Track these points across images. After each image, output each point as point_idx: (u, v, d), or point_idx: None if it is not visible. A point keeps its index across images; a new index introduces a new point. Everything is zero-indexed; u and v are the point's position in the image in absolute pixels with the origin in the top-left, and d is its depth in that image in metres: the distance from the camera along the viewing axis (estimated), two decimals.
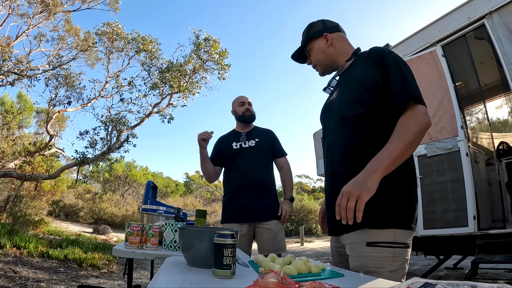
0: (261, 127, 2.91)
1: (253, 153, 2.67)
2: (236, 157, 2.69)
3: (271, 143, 2.78)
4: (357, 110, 1.41)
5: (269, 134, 2.84)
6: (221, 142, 2.84)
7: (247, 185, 2.59)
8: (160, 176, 22.99)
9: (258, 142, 2.71)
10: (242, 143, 2.72)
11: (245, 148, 2.69)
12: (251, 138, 2.74)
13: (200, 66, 9.49)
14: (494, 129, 6.30)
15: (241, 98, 2.84)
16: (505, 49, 3.51)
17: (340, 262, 1.52)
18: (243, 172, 2.64)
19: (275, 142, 2.82)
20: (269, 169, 2.74)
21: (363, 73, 1.43)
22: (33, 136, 11.94)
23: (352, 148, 1.42)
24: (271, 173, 2.75)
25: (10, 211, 7.86)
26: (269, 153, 2.76)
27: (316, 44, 1.62)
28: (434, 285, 0.72)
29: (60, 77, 9.15)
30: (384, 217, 1.28)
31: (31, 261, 5.25)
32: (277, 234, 2.58)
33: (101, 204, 15.16)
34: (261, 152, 2.69)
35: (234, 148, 2.72)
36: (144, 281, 5.13)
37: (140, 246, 1.86)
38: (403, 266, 1.29)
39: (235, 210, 2.60)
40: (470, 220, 3.59)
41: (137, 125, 9.59)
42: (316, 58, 1.63)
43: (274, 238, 2.55)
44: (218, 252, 0.99)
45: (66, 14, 9.81)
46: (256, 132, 2.80)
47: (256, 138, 2.74)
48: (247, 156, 2.67)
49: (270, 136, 2.82)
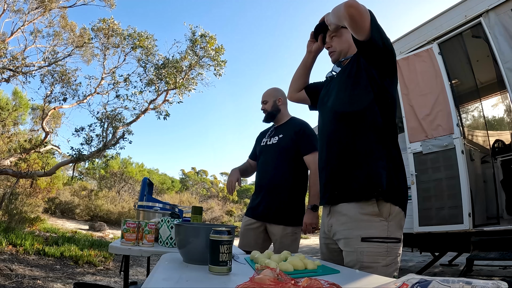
0: (296, 120, 2.64)
1: (273, 151, 2.53)
2: (261, 154, 2.63)
3: (296, 139, 2.47)
4: (351, 106, 1.45)
5: (297, 129, 2.52)
6: (259, 136, 2.79)
7: (262, 185, 2.52)
8: (156, 173, 22.91)
9: (280, 139, 2.53)
10: (268, 139, 2.61)
11: (268, 146, 2.58)
12: (277, 134, 2.58)
13: (196, 63, 9.44)
14: (490, 127, 6.33)
15: None
16: (501, 47, 3.53)
17: (330, 258, 1.56)
18: (261, 170, 2.58)
19: (302, 137, 2.47)
20: (290, 168, 2.46)
21: (357, 67, 1.49)
22: (28, 133, 11.86)
23: (345, 143, 1.46)
24: (291, 173, 2.45)
25: (6, 209, 7.82)
26: (291, 151, 2.47)
27: (346, 34, 1.62)
28: (429, 281, 0.73)
29: (55, 73, 9.08)
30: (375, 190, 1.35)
31: (27, 258, 5.23)
32: (283, 240, 2.37)
33: (97, 201, 15.11)
34: (282, 150, 2.48)
35: (261, 145, 2.64)
36: (141, 278, 5.13)
37: (136, 243, 1.86)
38: (396, 261, 1.34)
39: (249, 207, 2.59)
40: (465, 217, 3.61)
41: (133, 122, 9.54)
42: (341, 46, 1.65)
43: (280, 243, 2.38)
44: (214, 249, 0.99)
45: (61, 10, 9.72)
46: (284, 127, 2.60)
47: (280, 134, 2.55)
48: (268, 154, 2.56)
49: (296, 131, 2.50)
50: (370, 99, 1.43)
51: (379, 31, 1.34)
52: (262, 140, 2.66)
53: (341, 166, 1.45)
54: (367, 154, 1.41)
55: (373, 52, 1.38)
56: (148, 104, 9.71)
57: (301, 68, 1.89)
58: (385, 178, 1.35)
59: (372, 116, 1.43)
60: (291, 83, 1.95)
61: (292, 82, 1.94)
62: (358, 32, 1.34)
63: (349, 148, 1.44)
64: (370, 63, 1.43)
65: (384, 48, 1.36)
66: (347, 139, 1.45)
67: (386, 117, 1.45)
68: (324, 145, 1.57)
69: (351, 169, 1.41)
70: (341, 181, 1.44)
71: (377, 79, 1.43)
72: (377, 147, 1.41)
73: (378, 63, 1.42)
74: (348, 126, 1.46)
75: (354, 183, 1.38)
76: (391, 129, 1.46)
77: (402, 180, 1.42)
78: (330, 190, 1.48)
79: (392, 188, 1.36)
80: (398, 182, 1.39)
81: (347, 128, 1.47)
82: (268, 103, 2.63)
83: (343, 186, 1.43)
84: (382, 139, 1.42)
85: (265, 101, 2.64)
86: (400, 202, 1.39)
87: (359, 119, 1.44)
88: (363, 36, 1.34)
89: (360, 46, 1.41)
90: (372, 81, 1.43)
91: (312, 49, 1.80)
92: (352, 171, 1.41)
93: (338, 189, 1.44)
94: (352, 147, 1.43)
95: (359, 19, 1.30)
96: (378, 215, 1.34)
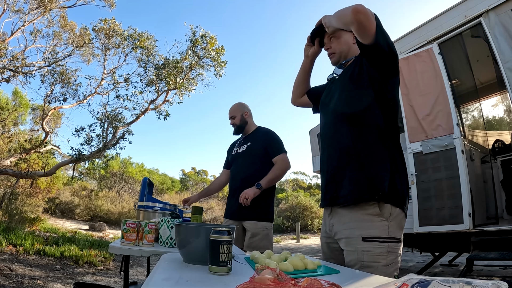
0: (262, 128, 2.94)
1: (243, 158, 2.81)
2: (233, 162, 2.91)
3: (264, 145, 2.76)
4: (353, 108, 1.45)
5: (264, 136, 2.83)
6: (230, 147, 3.10)
7: (235, 188, 2.74)
8: (156, 173, 22.92)
9: (248, 147, 2.81)
10: (238, 148, 2.89)
11: (239, 154, 2.85)
12: (245, 143, 2.86)
13: (197, 63, 9.44)
14: (490, 127, 6.33)
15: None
16: (501, 47, 3.52)
17: (331, 257, 1.56)
18: (233, 176, 2.84)
19: (269, 142, 2.78)
20: (259, 170, 2.69)
21: (359, 68, 1.49)
22: (28, 133, 11.86)
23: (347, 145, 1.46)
24: (260, 175, 2.65)
25: (6, 209, 7.82)
26: (261, 156, 2.74)
27: (345, 35, 1.63)
28: (430, 281, 0.73)
29: (55, 73, 9.08)
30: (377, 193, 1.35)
31: (27, 258, 5.23)
32: (255, 234, 2.58)
33: (97, 201, 15.12)
34: (251, 156, 2.75)
35: (233, 154, 2.93)
36: (141, 278, 5.13)
37: (136, 243, 1.86)
38: (396, 260, 1.35)
39: (226, 209, 2.84)
40: (465, 217, 3.61)
41: (133, 122, 9.55)
42: (341, 47, 1.64)
43: (251, 237, 2.58)
44: (214, 249, 0.99)
45: (61, 10, 9.72)
46: (252, 136, 2.89)
47: (249, 142, 2.83)
48: (239, 161, 2.84)
49: (264, 138, 2.80)
50: (371, 100, 1.43)
51: (384, 35, 1.34)
52: (233, 150, 2.95)
53: (342, 167, 1.45)
54: (368, 156, 1.41)
55: (377, 55, 1.37)
56: (148, 104, 9.72)
57: (301, 73, 1.89)
58: (387, 181, 1.35)
59: (374, 118, 1.43)
60: (293, 90, 1.95)
61: (294, 88, 1.94)
62: (364, 37, 1.34)
63: (351, 150, 1.44)
64: (373, 66, 1.42)
65: (389, 52, 1.36)
66: (348, 140, 1.45)
67: (388, 118, 1.45)
68: (325, 147, 1.57)
69: (353, 171, 1.41)
70: (342, 183, 1.44)
71: (380, 81, 1.43)
72: (379, 148, 1.41)
73: (381, 66, 1.41)
74: (350, 127, 1.46)
75: (356, 186, 1.38)
76: (393, 130, 1.46)
77: (404, 182, 1.42)
78: (331, 192, 1.48)
79: (393, 191, 1.36)
80: (399, 185, 1.39)
81: (348, 130, 1.47)
82: (236, 118, 2.92)
83: (344, 189, 1.43)
84: (384, 140, 1.43)
85: (233, 116, 2.93)
86: (401, 203, 1.39)
87: (360, 120, 1.45)
88: (368, 40, 1.33)
89: (364, 50, 1.40)
90: (374, 83, 1.43)
91: (309, 53, 1.79)
92: (354, 173, 1.41)
93: (339, 192, 1.44)
94: (354, 148, 1.43)
95: (367, 24, 1.30)
96: (379, 215, 1.35)
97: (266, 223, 2.63)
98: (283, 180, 29.26)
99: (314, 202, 18.67)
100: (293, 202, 18.39)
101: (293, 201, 18.47)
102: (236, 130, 2.95)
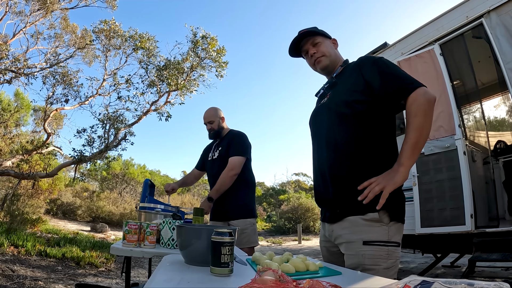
0: (233, 132, 2.98)
1: (217, 163, 2.86)
2: (208, 168, 3.02)
3: (229, 147, 2.82)
4: (352, 108, 1.46)
5: (230, 139, 2.88)
6: (206, 150, 3.14)
7: None
8: (158, 174, 22.93)
9: (220, 151, 2.87)
10: (213, 154, 2.96)
11: (213, 160, 2.92)
12: (217, 148, 2.93)
13: (198, 64, 9.45)
14: (492, 128, 6.31)
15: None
16: (502, 48, 3.52)
17: (330, 260, 1.58)
18: (212, 182, 2.87)
19: (231, 143, 2.83)
20: None
21: (355, 79, 1.50)
22: (30, 134, 11.88)
23: (345, 145, 1.46)
24: (239, 178, 2.75)
25: (8, 210, 7.84)
26: None
27: (326, 41, 1.68)
28: (432, 283, 0.73)
29: (57, 75, 9.10)
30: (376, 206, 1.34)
31: (29, 259, 5.24)
32: (244, 230, 2.68)
33: (99, 202, 15.11)
34: (225, 161, 2.78)
35: (208, 159, 3.00)
36: (142, 279, 5.13)
37: (138, 244, 1.86)
38: (396, 264, 1.38)
39: (211, 212, 2.87)
40: (467, 218, 3.60)
41: (135, 123, 9.56)
42: (326, 49, 1.66)
43: (241, 233, 2.67)
44: (216, 250, 0.99)
45: (63, 12, 9.75)
46: (223, 140, 2.94)
47: (220, 147, 2.90)
48: (214, 167, 2.89)
49: (229, 141, 2.86)
50: (370, 100, 1.44)
51: None
52: (208, 155, 3.01)
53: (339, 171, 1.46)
54: (366, 159, 1.42)
55: None
56: (150, 105, 9.73)
57: None
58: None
59: (372, 118, 1.44)
60: None
61: None
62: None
63: (347, 152, 1.45)
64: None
65: None
66: (344, 141, 1.46)
67: (387, 119, 1.47)
68: (322, 147, 1.56)
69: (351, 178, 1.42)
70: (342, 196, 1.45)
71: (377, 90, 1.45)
72: (377, 151, 1.43)
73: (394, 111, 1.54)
74: (347, 127, 1.47)
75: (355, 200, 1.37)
76: (390, 132, 1.49)
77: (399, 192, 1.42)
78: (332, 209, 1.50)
79: (391, 202, 1.36)
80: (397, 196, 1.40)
81: (345, 130, 1.47)
82: (214, 123, 2.96)
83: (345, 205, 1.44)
84: (381, 142, 1.45)
85: (211, 121, 2.96)
86: (399, 214, 1.41)
87: (358, 120, 1.45)
88: None
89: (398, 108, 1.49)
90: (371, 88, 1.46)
91: None
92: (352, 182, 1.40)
93: (340, 208, 1.45)
94: (351, 150, 1.44)
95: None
96: (379, 221, 1.37)
97: (252, 219, 2.78)
98: (285, 181, 29.21)
99: (315, 204, 18.57)
100: (295, 204, 18.35)
101: (294, 203, 18.43)
102: (213, 135, 2.98)
